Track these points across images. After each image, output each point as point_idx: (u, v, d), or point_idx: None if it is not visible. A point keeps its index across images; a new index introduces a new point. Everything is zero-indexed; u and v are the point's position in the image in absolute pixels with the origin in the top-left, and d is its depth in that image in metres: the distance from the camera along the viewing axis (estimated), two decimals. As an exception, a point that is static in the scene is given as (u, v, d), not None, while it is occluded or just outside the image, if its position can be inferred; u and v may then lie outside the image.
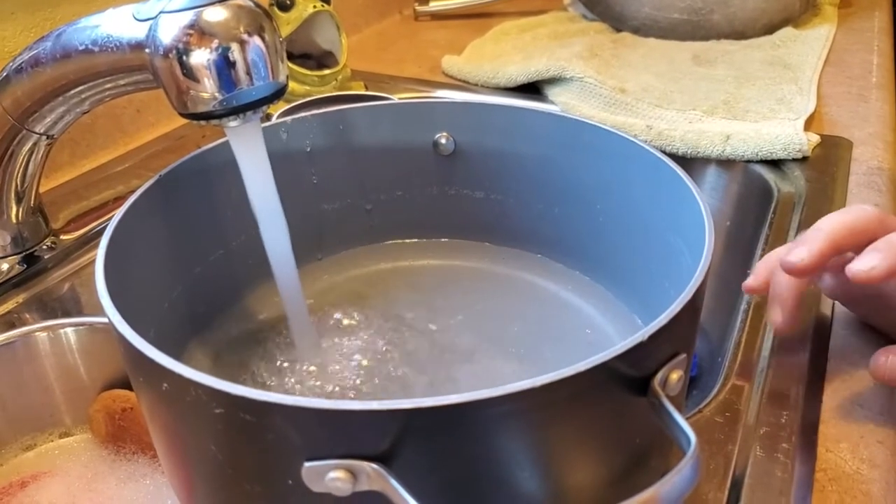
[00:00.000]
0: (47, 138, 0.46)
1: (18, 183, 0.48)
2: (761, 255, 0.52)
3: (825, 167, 0.62)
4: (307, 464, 0.23)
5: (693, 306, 0.27)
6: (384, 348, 0.39)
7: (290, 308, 0.38)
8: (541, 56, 0.81)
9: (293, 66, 0.73)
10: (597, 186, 0.41)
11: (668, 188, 0.36)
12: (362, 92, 0.74)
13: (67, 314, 0.48)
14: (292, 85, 0.72)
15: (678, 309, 0.26)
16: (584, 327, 0.41)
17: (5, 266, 0.50)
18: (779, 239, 0.54)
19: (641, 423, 0.27)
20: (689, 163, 0.66)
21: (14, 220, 0.50)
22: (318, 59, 0.78)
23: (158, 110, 0.69)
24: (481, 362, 0.38)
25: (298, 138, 0.43)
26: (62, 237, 0.54)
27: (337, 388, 0.37)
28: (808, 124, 0.68)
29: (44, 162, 0.49)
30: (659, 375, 0.26)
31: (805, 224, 0.55)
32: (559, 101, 0.75)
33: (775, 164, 0.64)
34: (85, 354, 0.46)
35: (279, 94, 0.34)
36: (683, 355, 0.27)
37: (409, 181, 0.46)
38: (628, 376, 0.25)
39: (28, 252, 0.51)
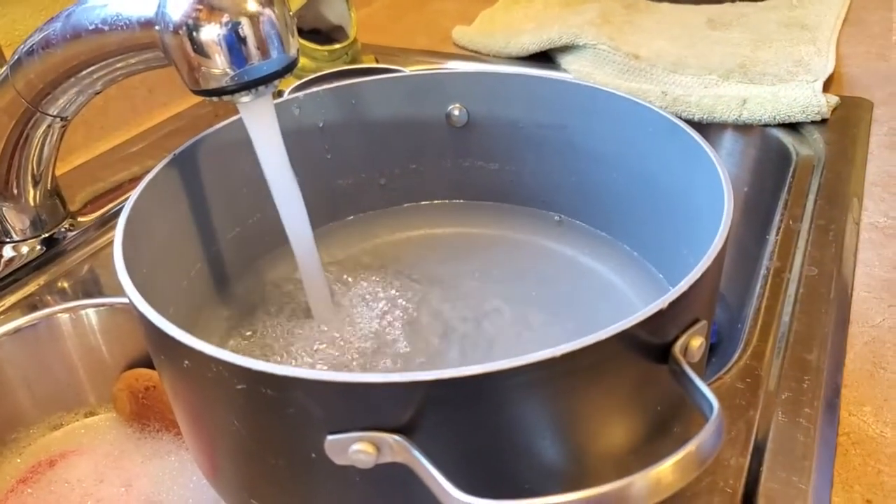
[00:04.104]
0: (61, 120, 0.46)
1: (34, 166, 0.49)
2: (780, 221, 0.51)
3: (845, 129, 0.61)
4: (330, 437, 0.23)
5: (713, 273, 0.27)
6: (402, 314, 0.39)
7: (308, 279, 0.38)
8: (553, 24, 0.80)
9: (303, 42, 0.72)
10: (613, 154, 0.41)
11: (686, 155, 0.35)
12: (373, 65, 0.73)
13: (88, 295, 0.48)
14: (302, 61, 0.71)
15: (698, 276, 0.25)
16: (603, 292, 0.41)
17: (25, 249, 0.51)
18: (798, 204, 0.53)
19: (662, 391, 0.27)
20: (705, 128, 0.65)
21: (32, 204, 0.51)
22: (327, 34, 0.77)
23: (170, 90, 0.69)
24: (500, 329, 0.38)
25: (311, 114, 0.43)
26: (80, 219, 0.54)
27: (355, 355, 0.37)
28: (827, 86, 0.67)
29: (58, 144, 0.49)
30: (679, 342, 0.25)
31: (825, 188, 0.54)
32: (572, 70, 0.74)
33: (793, 127, 0.63)
34: (106, 334, 0.46)
35: (290, 67, 0.34)
36: (704, 322, 0.26)
37: (422, 154, 0.46)
38: (649, 344, 0.25)
39: (47, 235, 0.52)
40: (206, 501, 0.40)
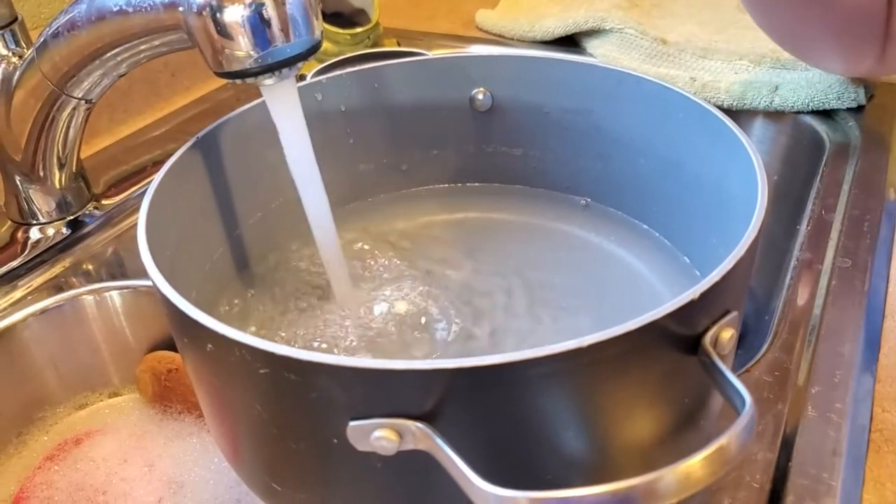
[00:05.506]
0: (86, 103, 0.46)
1: (60, 148, 0.49)
2: (812, 211, 0.50)
3: (882, 116, 0.59)
4: (352, 423, 0.23)
5: (745, 263, 0.26)
6: (423, 299, 0.39)
7: (328, 263, 0.38)
8: (579, 7, 0.78)
9: (325, 26, 0.71)
10: (640, 139, 0.40)
11: (717, 142, 0.34)
12: (396, 49, 0.72)
13: (112, 277, 0.49)
14: (324, 45, 0.71)
15: (730, 265, 0.25)
16: (629, 279, 0.40)
17: (51, 231, 0.51)
18: (831, 193, 0.52)
19: (691, 383, 0.26)
20: (734, 115, 0.63)
21: (57, 186, 0.51)
22: (349, 18, 0.76)
23: (194, 74, 0.69)
24: (523, 317, 0.38)
25: (333, 98, 0.42)
26: (104, 202, 0.55)
27: (377, 340, 0.37)
28: (863, 72, 0.65)
29: (83, 127, 0.49)
30: (710, 334, 0.25)
31: (859, 177, 0.53)
32: (598, 54, 0.73)
33: (827, 114, 0.61)
34: (130, 317, 0.47)
35: (314, 50, 0.34)
36: (735, 313, 0.26)
37: (445, 139, 0.45)
38: (678, 335, 0.24)
39: (72, 217, 0.52)
40: (227, 483, 0.40)
